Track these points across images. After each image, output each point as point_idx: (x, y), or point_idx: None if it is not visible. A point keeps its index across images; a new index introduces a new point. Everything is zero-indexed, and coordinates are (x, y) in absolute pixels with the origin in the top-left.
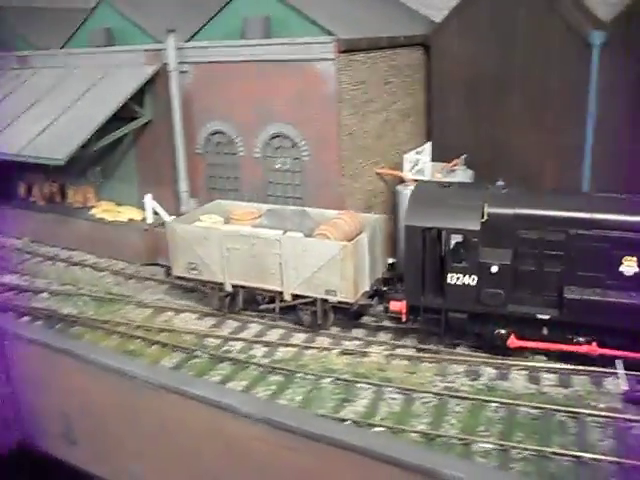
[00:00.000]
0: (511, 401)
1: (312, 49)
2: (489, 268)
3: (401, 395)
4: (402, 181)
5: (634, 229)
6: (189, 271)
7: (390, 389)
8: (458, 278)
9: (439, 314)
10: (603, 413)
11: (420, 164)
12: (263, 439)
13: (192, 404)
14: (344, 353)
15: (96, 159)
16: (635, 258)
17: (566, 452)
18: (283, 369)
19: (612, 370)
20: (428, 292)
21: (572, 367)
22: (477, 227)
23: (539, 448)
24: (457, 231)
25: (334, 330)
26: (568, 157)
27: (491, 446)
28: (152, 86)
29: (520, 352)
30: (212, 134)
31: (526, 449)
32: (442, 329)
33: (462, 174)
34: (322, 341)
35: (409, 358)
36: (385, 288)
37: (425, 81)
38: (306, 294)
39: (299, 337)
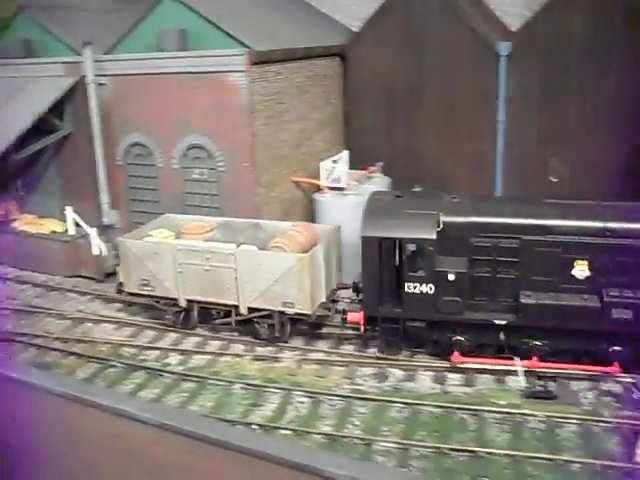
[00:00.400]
0: (414, 401)
1: (225, 61)
2: (446, 276)
3: (309, 398)
4: (319, 189)
5: (584, 233)
6: (142, 287)
7: (298, 393)
8: (415, 287)
9: (397, 323)
10: (502, 409)
11: (336, 172)
12: (163, 444)
13: (92, 412)
14: (257, 359)
15: (18, 172)
16: (586, 262)
17: (462, 447)
18: (196, 376)
19: (514, 368)
20: (386, 302)
21: (477, 367)
22: (433, 236)
23: (437, 445)
24: (413, 240)
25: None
26: (480, 162)
27: (392, 445)
28: (71, 98)
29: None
30: (131, 146)
31: (425, 447)
32: (400, 338)
33: (379, 181)
34: (235, 348)
35: (320, 362)
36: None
37: (343, 90)
38: (262, 307)
39: (215, 345)
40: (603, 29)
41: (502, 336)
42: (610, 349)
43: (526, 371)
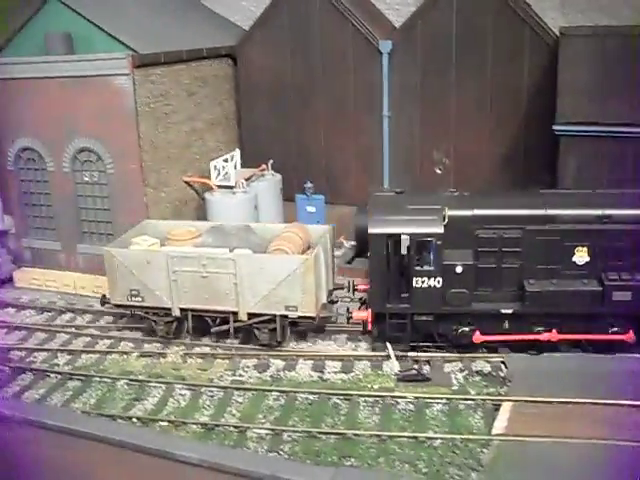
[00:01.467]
0: (290, 389)
1: (108, 65)
2: (453, 269)
3: (190, 391)
4: (211, 188)
5: (583, 221)
6: (130, 298)
7: (180, 386)
8: (423, 281)
9: (405, 319)
10: (374, 393)
11: (226, 171)
12: (34, 442)
13: None
14: (143, 355)
15: None
16: (585, 248)
17: (331, 431)
18: (82, 375)
19: (386, 353)
20: (393, 298)
21: (355, 354)
22: (440, 230)
23: (308, 429)
24: (422, 235)
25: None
26: (369, 157)
27: (264, 431)
28: None
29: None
30: (22, 150)
31: (296, 431)
32: (408, 333)
33: (270, 178)
34: (124, 346)
35: (204, 356)
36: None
37: (235, 91)
38: (264, 312)
39: (105, 343)
40: (478, 27)
41: (507, 324)
42: (610, 330)
43: (411, 357)
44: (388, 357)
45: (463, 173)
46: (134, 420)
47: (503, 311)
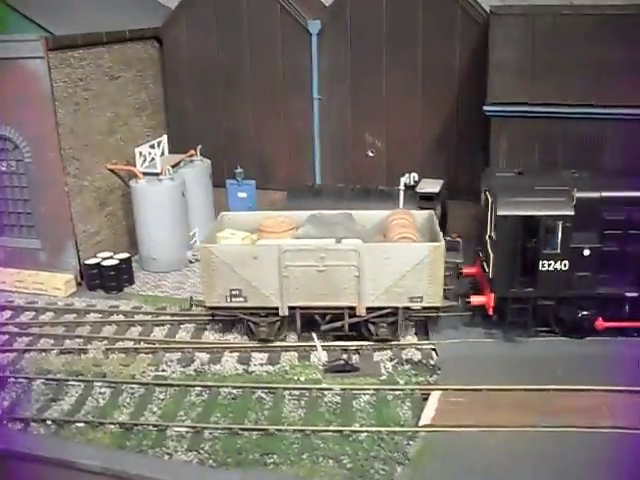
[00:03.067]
0: (214, 383)
1: (21, 47)
2: (581, 252)
3: (110, 389)
4: (136, 176)
5: None
6: (229, 299)
7: (100, 384)
8: (550, 264)
9: (526, 304)
10: (301, 386)
11: (151, 157)
12: None
13: None
14: (63, 352)
15: None
16: None
17: (253, 427)
18: None
19: (313, 344)
20: (518, 282)
21: (282, 344)
22: (571, 212)
23: (229, 426)
24: (554, 217)
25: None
26: (299, 140)
27: (185, 429)
28: None
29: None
30: None
31: (217, 428)
32: (530, 318)
33: (199, 164)
34: (44, 343)
35: (126, 351)
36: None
37: (161, 74)
38: (385, 305)
39: (24, 341)
40: (408, 7)
41: (627, 309)
42: None
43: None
44: (314, 348)
45: (395, 155)
46: (48, 423)
47: (628, 295)
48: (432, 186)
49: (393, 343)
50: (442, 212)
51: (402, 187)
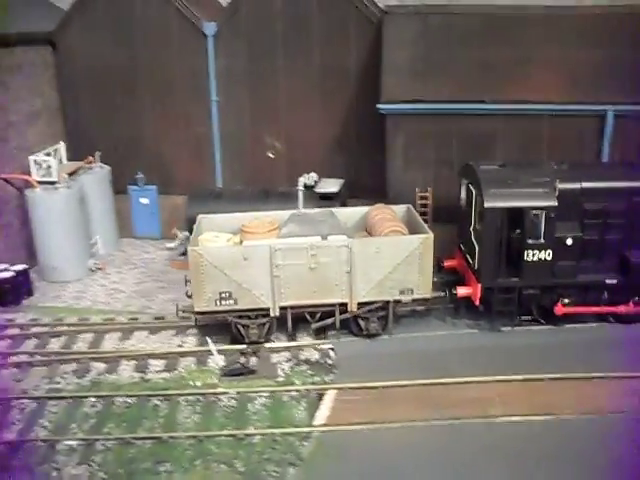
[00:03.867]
0: (108, 393)
1: None
2: (564, 241)
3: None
4: (32, 185)
5: None
6: (219, 303)
7: None
8: (534, 254)
9: (512, 293)
10: (196, 391)
11: (47, 165)
12: None
13: None
14: None
15: None
16: None
17: (146, 436)
18: None
19: (207, 348)
20: (503, 272)
21: (180, 350)
22: (555, 203)
23: (122, 436)
24: (538, 208)
25: None
26: (199, 144)
27: (75, 442)
28: None
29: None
30: None
31: (109, 439)
32: (515, 307)
33: (98, 171)
34: None
35: (18, 365)
36: None
37: (57, 79)
38: (376, 299)
39: None
40: (303, 7)
41: (606, 295)
42: None
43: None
44: (210, 352)
45: (296, 156)
46: None
47: (608, 282)
48: (331, 185)
49: (292, 344)
50: None
51: (301, 187)
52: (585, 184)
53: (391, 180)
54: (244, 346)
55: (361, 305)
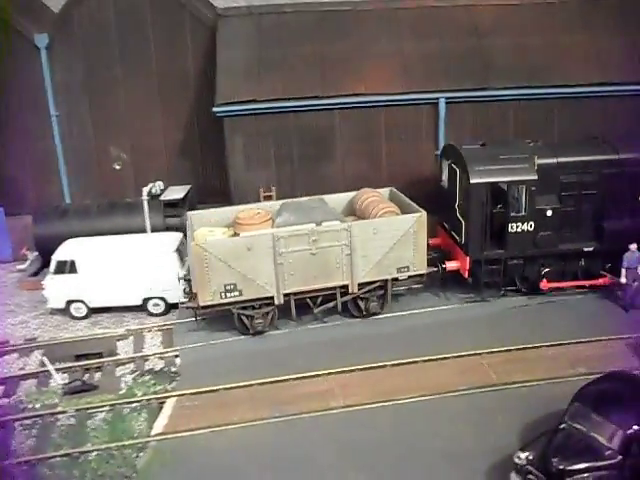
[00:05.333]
0: None
1: None
2: (544, 213)
3: None
4: None
5: None
6: (224, 295)
7: None
8: (517, 226)
9: (497, 264)
10: (30, 414)
11: None
12: None
13: None
14: None
15: None
16: None
17: None
18: None
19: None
20: (489, 245)
21: (21, 373)
22: (535, 177)
23: None
24: (520, 182)
25: None
26: (44, 160)
27: None
28: None
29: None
30: None
31: None
32: (501, 278)
33: None
34: None
35: None
36: None
37: None
38: (376, 279)
39: None
40: (136, 14)
41: (583, 262)
42: None
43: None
44: (49, 372)
45: (142, 166)
46: None
47: (585, 249)
48: (177, 193)
49: (137, 355)
50: None
51: (145, 197)
52: (561, 159)
53: (234, 181)
54: (89, 362)
55: (361, 286)
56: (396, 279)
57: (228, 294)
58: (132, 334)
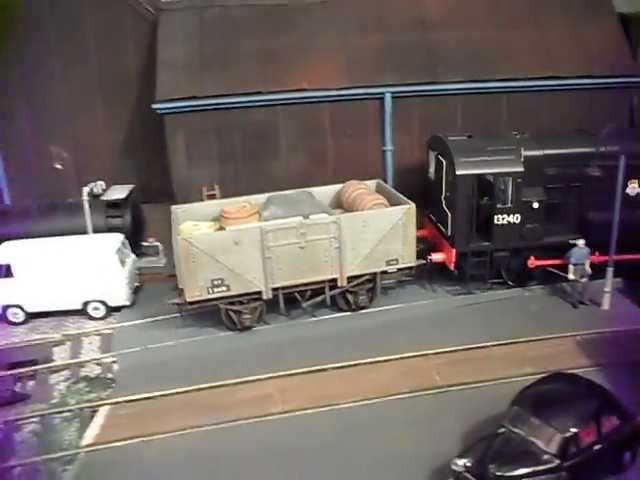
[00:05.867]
0: None
1: None
2: (530, 205)
3: None
4: None
5: (636, 157)
6: (211, 290)
7: None
8: (504, 218)
9: (484, 256)
10: None
11: None
12: None
13: None
14: None
15: None
16: (637, 180)
17: None
18: None
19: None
20: (475, 237)
21: None
22: (521, 169)
23: None
24: (506, 174)
25: None
26: None
27: None
28: None
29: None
30: None
31: None
32: (487, 270)
33: None
34: None
35: None
36: None
37: None
38: (365, 272)
39: None
40: (73, 10)
41: None
42: None
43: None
44: None
45: (84, 165)
46: None
47: (571, 241)
48: (119, 192)
49: (72, 361)
50: (135, 217)
51: (85, 197)
52: (547, 151)
53: (176, 180)
54: (22, 370)
55: (350, 279)
56: (385, 272)
57: (215, 289)
58: (69, 339)
